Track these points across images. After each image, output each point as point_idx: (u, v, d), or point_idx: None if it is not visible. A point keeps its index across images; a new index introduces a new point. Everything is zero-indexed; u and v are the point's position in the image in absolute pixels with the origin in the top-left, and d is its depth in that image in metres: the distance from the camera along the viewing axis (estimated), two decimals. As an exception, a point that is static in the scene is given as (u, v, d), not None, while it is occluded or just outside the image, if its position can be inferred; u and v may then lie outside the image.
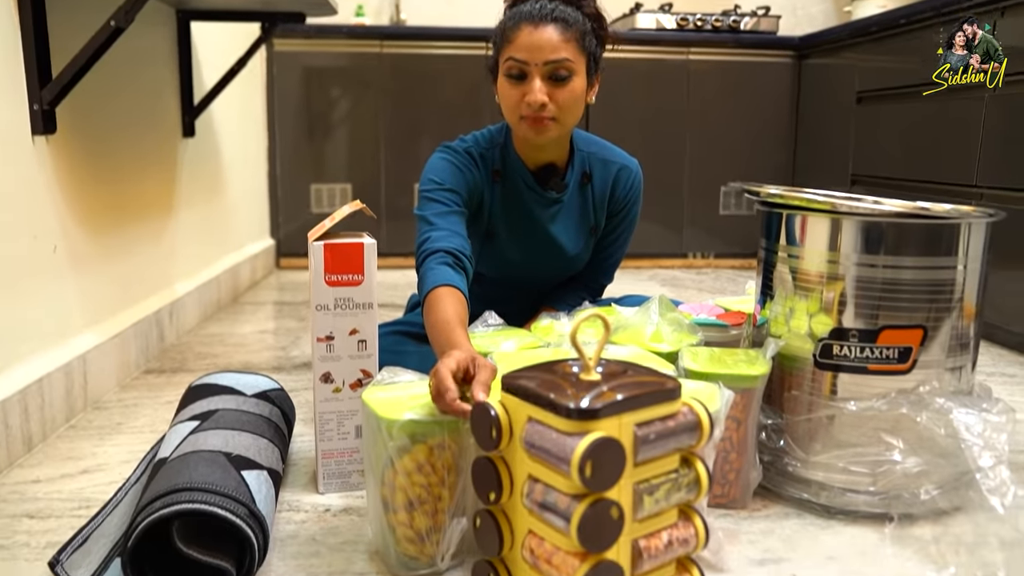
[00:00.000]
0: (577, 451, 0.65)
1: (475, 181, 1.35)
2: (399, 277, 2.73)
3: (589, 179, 1.44)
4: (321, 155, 2.98)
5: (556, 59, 1.22)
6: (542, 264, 1.46)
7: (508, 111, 1.29)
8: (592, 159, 1.44)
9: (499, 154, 1.39)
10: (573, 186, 1.42)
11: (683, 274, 2.99)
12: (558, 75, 1.23)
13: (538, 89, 1.23)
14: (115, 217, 1.60)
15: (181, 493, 0.82)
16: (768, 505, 1.07)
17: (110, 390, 1.51)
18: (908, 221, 0.99)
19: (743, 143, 3.10)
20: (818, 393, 1.04)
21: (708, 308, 1.32)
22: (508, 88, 1.26)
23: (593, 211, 1.45)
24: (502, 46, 1.27)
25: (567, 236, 1.44)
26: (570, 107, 1.26)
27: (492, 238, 1.42)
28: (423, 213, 1.28)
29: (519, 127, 1.29)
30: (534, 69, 1.23)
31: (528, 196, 1.40)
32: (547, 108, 1.24)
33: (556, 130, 1.28)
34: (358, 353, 1.05)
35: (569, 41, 1.23)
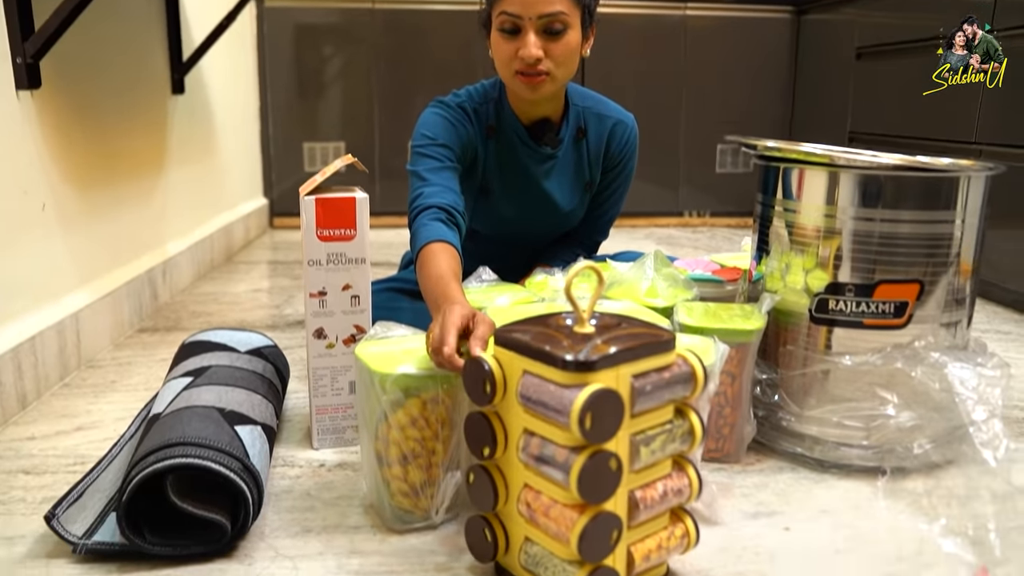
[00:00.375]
0: (576, 403, 0.65)
1: (468, 136, 1.33)
2: (393, 236, 2.71)
3: (584, 134, 1.42)
4: (314, 113, 2.94)
5: (550, 12, 1.19)
6: (536, 220, 1.45)
7: (501, 66, 1.26)
8: (587, 113, 1.42)
9: (493, 109, 1.37)
10: (568, 141, 1.41)
11: (679, 232, 2.98)
12: (552, 29, 1.21)
13: (532, 44, 1.20)
14: (105, 174, 1.58)
15: (174, 448, 0.81)
16: (762, 459, 1.07)
17: (104, 348, 1.51)
18: (906, 174, 0.98)
19: (740, 100, 3.06)
20: (813, 348, 1.03)
21: (703, 264, 1.31)
22: (501, 43, 1.24)
23: (588, 166, 1.43)
24: (494, 0, 1.24)
25: (561, 192, 1.43)
26: (565, 61, 1.24)
27: (487, 194, 1.40)
28: (415, 169, 1.26)
29: (513, 83, 1.27)
30: (528, 23, 1.20)
31: (522, 151, 1.39)
32: (542, 63, 1.22)
33: (551, 85, 1.26)
34: (351, 308, 1.04)
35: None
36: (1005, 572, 0.82)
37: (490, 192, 1.40)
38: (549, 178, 1.41)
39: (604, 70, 2.90)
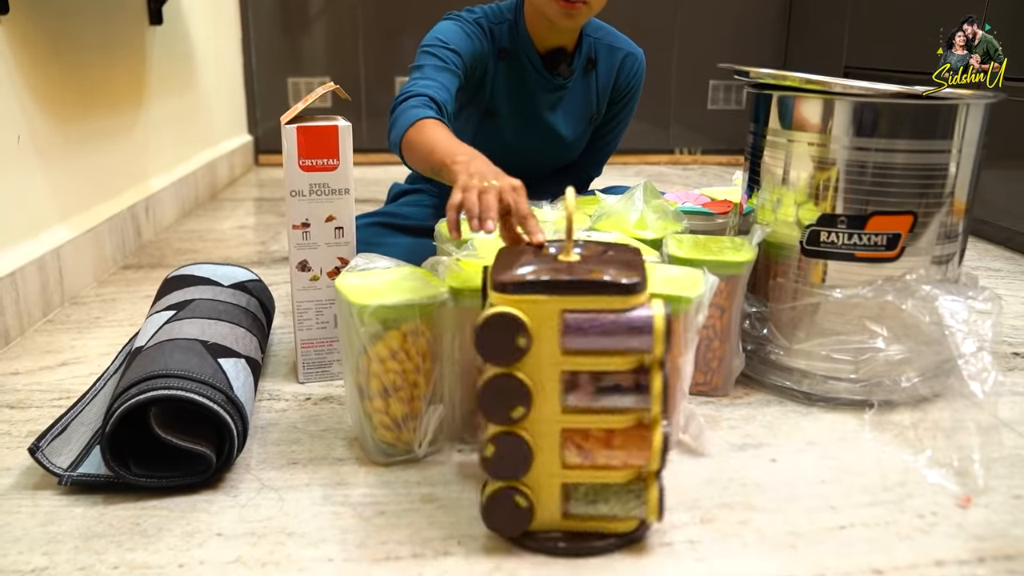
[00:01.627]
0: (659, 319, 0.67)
1: (481, 51, 1.29)
2: (380, 172, 2.67)
3: (594, 65, 1.39)
4: (298, 47, 2.87)
5: None
6: (538, 148, 1.42)
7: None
8: (598, 45, 1.40)
9: (507, 31, 1.34)
10: (578, 72, 1.38)
11: (670, 170, 2.94)
12: None
13: None
14: (82, 107, 1.54)
15: (157, 380, 0.80)
16: (750, 393, 1.07)
17: (87, 285, 1.49)
18: (903, 102, 0.95)
19: (733, 35, 3.00)
20: (804, 281, 1.02)
21: (694, 197, 1.30)
22: None
23: (596, 98, 1.41)
24: None
25: (566, 122, 1.41)
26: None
27: (491, 117, 1.37)
28: (418, 63, 1.22)
29: (549, 6, 1.22)
30: None
31: (533, 79, 1.36)
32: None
33: (586, 15, 1.24)
34: (335, 240, 1.03)
35: None
36: (988, 502, 0.82)
37: (496, 115, 1.37)
38: (556, 108, 1.39)
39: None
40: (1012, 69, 1.83)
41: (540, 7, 1.25)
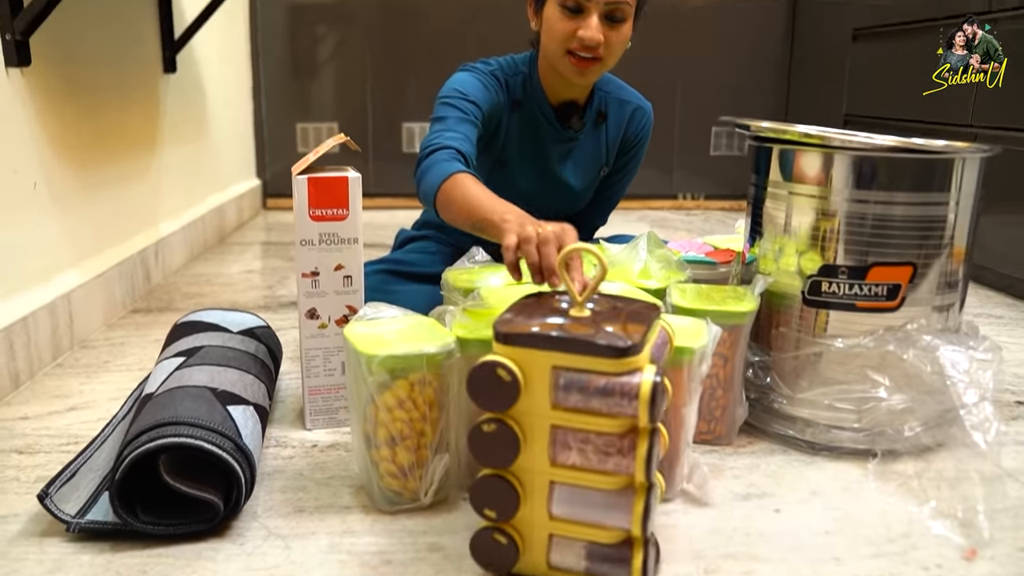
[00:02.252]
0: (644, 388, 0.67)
1: (497, 102, 1.32)
2: (387, 217, 2.70)
3: (604, 118, 1.42)
4: (307, 93, 2.92)
5: (617, 0, 1.20)
6: (547, 198, 1.44)
7: (555, 43, 1.24)
8: (609, 98, 1.43)
9: (521, 83, 1.36)
10: (589, 125, 1.41)
11: (673, 215, 2.97)
12: (615, 16, 1.21)
13: (595, 27, 1.19)
14: (97, 154, 1.57)
15: (167, 427, 0.81)
16: (754, 442, 1.08)
17: (96, 329, 1.50)
18: (901, 156, 0.97)
19: (735, 82, 3.05)
20: (806, 330, 1.03)
21: (697, 245, 1.31)
22: (561, 19, 1.22)
23: (605, 150, 1.44)
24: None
25: (576, 174, 1.43)
26: (617, 51, 1.25)
27: (503, 166, 1.40)
28: (439, 115, 1.24)
29: (562, 62, 1.25)
30: (593, 6, 1.20)
31: (545, 130, 1.38)
32: (599, 47, 1.22)
33: (598, 72, 1.26)
34: (343, 289, 1.04)
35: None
36: (993, 554, 0.82)
37: (506, 164, 1.39)
38: (566, 160, 1.42)
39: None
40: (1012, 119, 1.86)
41: (554, 63, 1.27)
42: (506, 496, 0.72)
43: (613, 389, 0.68)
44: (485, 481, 0.73)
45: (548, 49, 1.27)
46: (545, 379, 0.69)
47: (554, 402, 0.70)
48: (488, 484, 0.73)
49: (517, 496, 0.72)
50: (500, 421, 0.71)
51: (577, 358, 0.68)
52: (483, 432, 0.71)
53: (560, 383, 0.69)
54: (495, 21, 2.82)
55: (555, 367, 0.69)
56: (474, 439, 0.72)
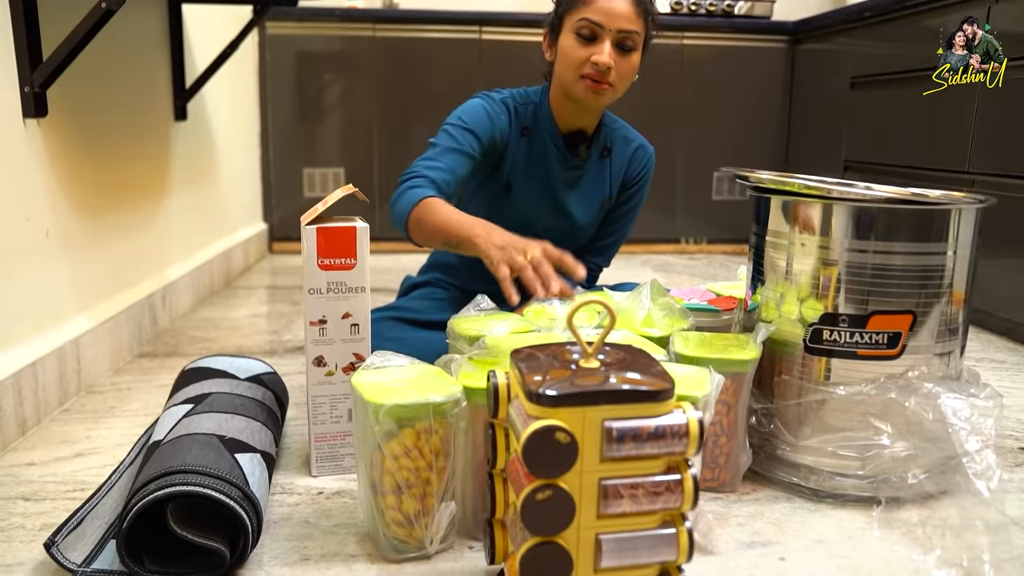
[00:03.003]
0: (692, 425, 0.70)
1: (503, 127, 1.40)
2: (392, 262, 2.73)
3: (609, 153, 1.50)
4: (314, 139, 2.97)
5: (628, 29, 1.30)
6: (550, 227, 1.47)
7: (569, 68, 1.33)
8: (615, 135, 1.51)
9: (532, 112, 1.44)
10: (595, 156, 1.48)
11: (675, 259, 2.99)
12: (625, 45, 1.31)
13: (608, 52, 1.29)
14: (108, 201, 1.60)
15: (175, 476, 0.82)
16: (758, 489, 1.08)
17: (103, 374, 1.51)
18: (899, 207, 0.99)
19: (737, 128, 3.10)
20: (808, 378, 1.04)
21: (699, 293, 1.33)
22: (575, 47, 1.32)
23: (609, 183, 1.50)
24: (574, 6, 1.32)
25: (580, 203, 1.48)
26: (627, 77, 1.35)
27: (509, 191, 1.44)
28: (434, 140, 1.33)
29: (576, 86, 1.33)
30: (607, 34, 1.30)
31: (553, 156, 1.44)
32: (611, 73, 1.31)
33: (610, 96, 1.35)
34: (351, 337, 1.06)
35: (640, 16, 1.32)
36: (999, 603, 0.82)
37: (512, 189, 1.44)
38: (572, 188, 1.47)
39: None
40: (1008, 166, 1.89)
41: (567, 87, 1.35)
42: (560, 562, 0.71)
43: (664, 432, 0.69)
44: (537, 552, 0.70)
45: (563, 76, 1.35)
46: (595, 435, 0.69)
47: (604, 456, 0.70)
48: (541, 554, 0.70)
49: (571, 561, 0.71)
50: (555, 487, 0.69)
51: (626, 408, 0.70)
52: (538, 501, 0.69)
53: (613, 435, 0.70)
54: (499, 68, 2.87)
55: (605, 420, 0.70)
56: (529, 511, 0.69)
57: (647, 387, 0.69)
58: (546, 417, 0.68)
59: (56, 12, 1.33)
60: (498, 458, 0.77)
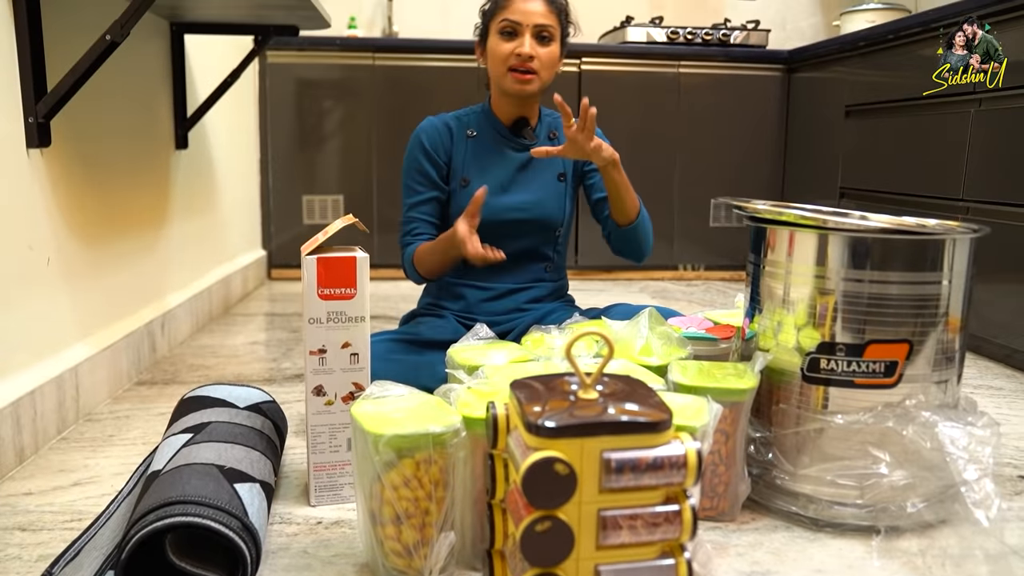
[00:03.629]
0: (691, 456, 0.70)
1: (444, 145, 1.57)
2: (391, 288, 2.73)
3: (556, 135, 1.63)
4: (313, 167, 2.99)
5: (543, 23, 1.47)
6: (518, 205, 1.56)
7: (498, 64, 1.50)
8: (557, 121, 1.65)
9: (475, 117, 1.60)
10: (543, 137, 1.61)
11: (673, 286, 3.00)
12: (543, 36, 1.48)
13: (528, 44, 1.47)
14: (109, 229, 1.61)
15: (175, 506, 0.82)
16: (757, 518, 1.08)
17: (102, 402, 1.51)
18: (894, 237, 1.00)
19: (733, 155, 3.12)
20: (806, 406, 1.05)
21: (697, 321, 1.33)
22: (501, 44, 1.49)
23: (561, 160, 1.60)
24: (495, 12, 1.50)
25: (537, 179, 1.58)
26: (549, 65, 1.51)
27: (466, 185, 1.56)
28: (405, 200, 1.57)
29: (505, 79, 1.50)
30: (525, 29, 1.47)
31: (501, 143, 1.58)
32: (533, 61, 1.47)
33: (537, 83, 1.50)
34: (350, 366, 1.06)
35: (552, 13, 1.49)
36: (999, 634, 0.82)
37: (468, 183, 1.56)
38: (525, 169, 1.59)
39: (601, 125, 2.95)
40: (1002, 195, 1.91)
41: (500, 83, 1.52)
42: None
43: (662, 462, 0.70)
44: None
45: (494, 72, 1.52)
46: (594, 466, 0.70)
47: (603, 487, 0.70)
48: None
49: None
50: (554, 518, 0.69)
51: (624, 439, 0.70)
52: (537, 532, 0.69)
53: (612, 466, 0.70)
54: (497, 97, 2.90)
55: (604, 452, 0.70)
56: (528, 542, 0.69)
57: (645, 418, 0.70)
58: (545, 448, 0.68)
59: (61, 43, 1.35)
60: (497, 488, 0.77)
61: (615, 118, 3.01)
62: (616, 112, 3.00)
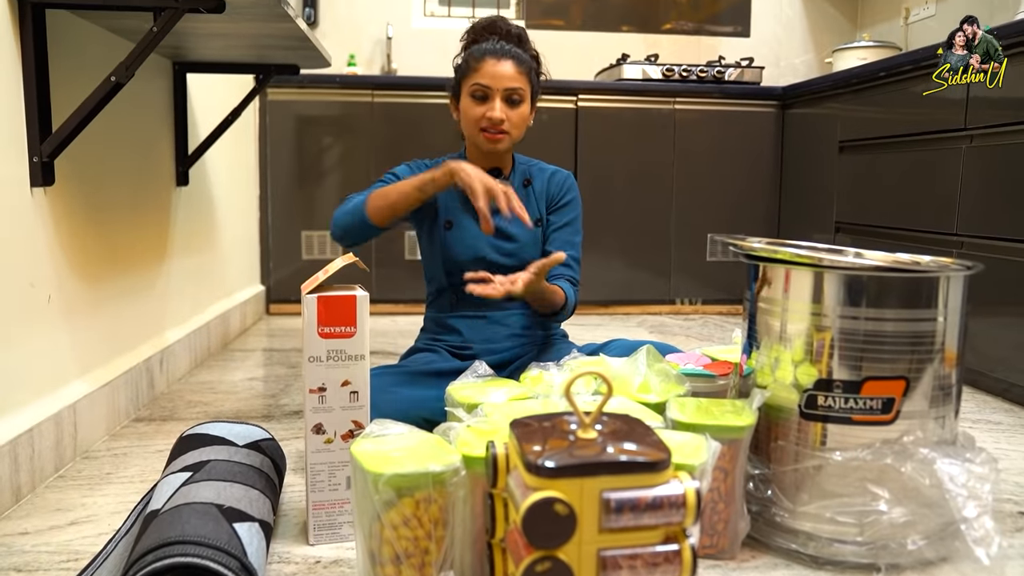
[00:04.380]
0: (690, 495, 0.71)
1: None
2: (389, 324, 2.74)
3: (530, 182, 1.67)
4: (312, 202, 3.01)
5: (513, 87, 1.52)
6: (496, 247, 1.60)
7: (470, 125, 1.56)
8: (532, 169, 1.69)
9: None
10: (517, 185, 1.66)
11: (671, 320, 3.01)
12: (513, 99, 1.53)
13: (499, 108, 1.52)
14: (109, 266, 1.62)
15: (174, 546, 0.82)
16: (757, 555, 1.07)
17: (100, 439, 1.51)
18: (889, 275, 1.01)
19: (729, 190, 3.15)
20: (804, 443, 1.05)
21: (695, 358, 1.34)
22: (473, 107, 1.54)
23: (536, 206, 1.65)
24: (467, 74, 1.55)
25: (515, 223, 1.59)
26: (520, 124, 1.56)
27: (450, 227, 1.60)
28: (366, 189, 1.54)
29: (478, 138, 1.55)
30: (496, 92, 1.52)
31: None
32: (504, 123, 1.53)
33: (507, 142, 1.56)
34: (350, 404, 1.06)
35: (522, 74, 1.53)
36: (1002, 674, 0.82)
37: (452, 225, 1.61)
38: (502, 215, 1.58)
39: (598, 160, 3.00)
40: (997, 230, 1.92)
41: (472, 138, 1.58)
42: None
43: (662, 502, 0.70)
44: None
45: (467, 130, 1.59)
46: (594, 506, 0.70)
47: (602, 527, 0.70)
48: None
49: None
50: (554, 558, 0.69)
51: (624, 478, 0.70)
52: (537, 573, 0.69)
53: (611, 506, 0.70)
54: (495, 133, 2.93)
55: (603, 491, 0.70)
56: None
57: (644, 458, 0.70)
58: (545, 488, 0.68)
59: (66, 84, 1.37)
60: (497, 528, 0.77)
61: (612, 154, 3.05)
62: (612, 148, 3.03)
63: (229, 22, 1.45)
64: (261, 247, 3.00)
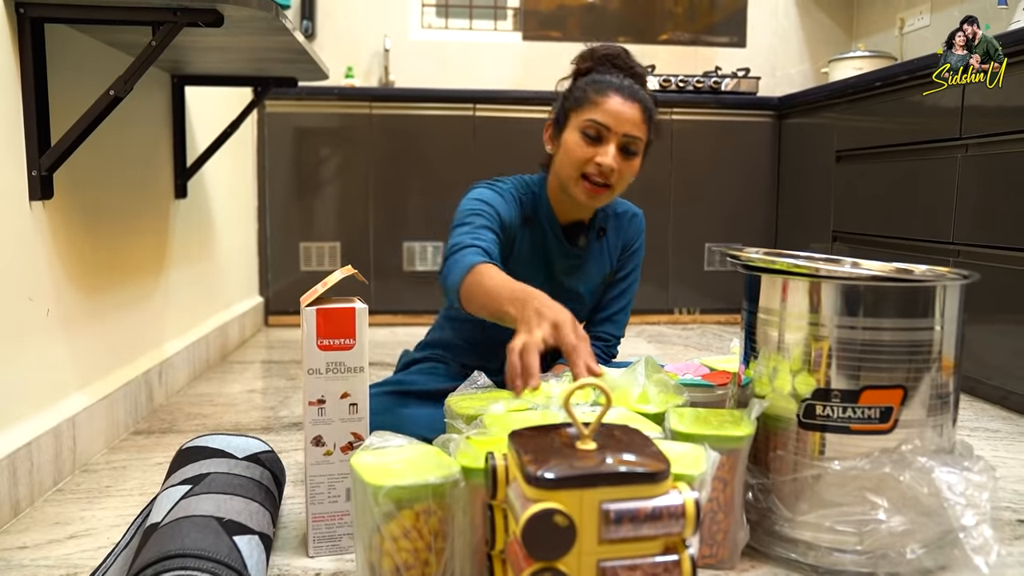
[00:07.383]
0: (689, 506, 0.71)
1: (512, 216, 1.38)
2: (388, 335, 2.74)
3: (604, 232, 1.52)
4: (310, 214, 3.02)
5: (634, 135, 1.32)
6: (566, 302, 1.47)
7: (571, 165, 1.33)
8: (606, 215, 1.52)
9: (532, 201, 1.44)
10: (592, 240, 1.50)
11: (669, 330, 3.01)
12: (629, 149, 1.33)
13: (612, 155, 1.31)
14: (108, 279, 1.62)
15: (174, 560, 0.82)
16: (756, 565, 1.07)
17: (98, 452, 1.51)
18: (886, 285, 1.02)
19: (726, 200, 3.16)
20: (803, 453, 1.05)
21: (694, 368, 1.34)
22: (580, 145, 1.32)
23: (609, 259, 1.52)
24: (582, 106, 1.33)
25: (583, 283, 1.49)
26: (626, 180, 1.36)
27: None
28: (462, 220, 1.28)
29: (575, 185, 1.34)
30: (613, 136, 1.31)
31: (553, 245, 1.46)
32: (613, 175, 1.32)
33: (607, 198, 1.36)
34: (349, 416, 1.06)
35: (645, 123, 1.33)
36: None
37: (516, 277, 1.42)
38: (573, 273, 1.48)
39: (594, 172, 3.00)
40: (992, 239, 1.93)
41: (567, 186, 1.36)
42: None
43: (661, 513, 0.70)
44: None
45: (563, 172, 1.36)
46: (593, 517, 0.70)
47: (602, 538, 0.71)
48: None
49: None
50: (553, 569, 0.70)
51: (623, 489, 0.71)
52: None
53: (611, 517, 0.70)
54: (492, 144, 2.95)
55: (603, 503, 0.70)
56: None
57: (643, 468, 0.70)
58: (544, 499, 0.69)
59: (65, 98, 1.38)
60: (497, 539, 0.78)
61: (609, 164, 3.06)
62: (610, 158, 3.04)
63: (227, 36, 1.45)
64: (259, 259, 3.00)
